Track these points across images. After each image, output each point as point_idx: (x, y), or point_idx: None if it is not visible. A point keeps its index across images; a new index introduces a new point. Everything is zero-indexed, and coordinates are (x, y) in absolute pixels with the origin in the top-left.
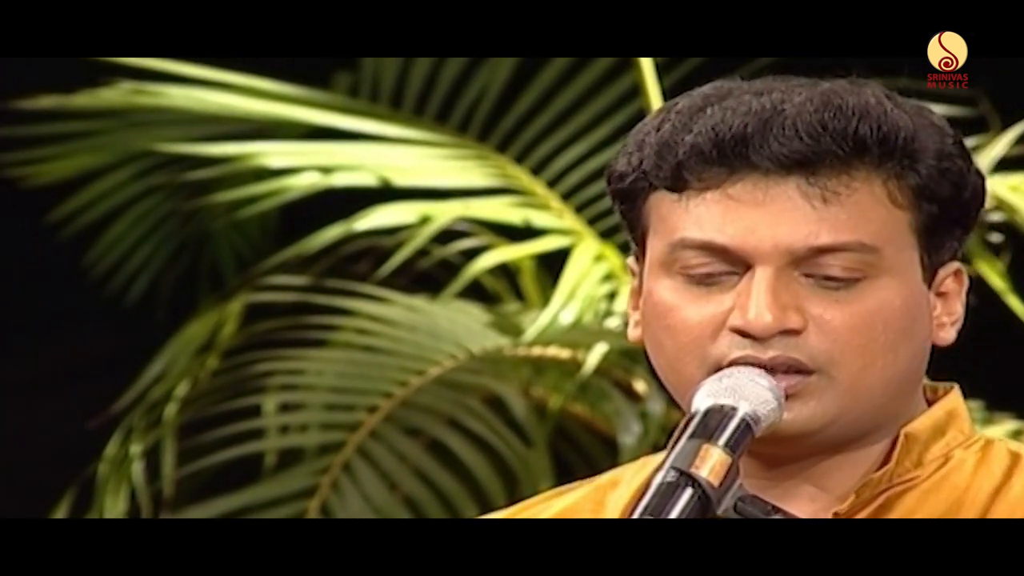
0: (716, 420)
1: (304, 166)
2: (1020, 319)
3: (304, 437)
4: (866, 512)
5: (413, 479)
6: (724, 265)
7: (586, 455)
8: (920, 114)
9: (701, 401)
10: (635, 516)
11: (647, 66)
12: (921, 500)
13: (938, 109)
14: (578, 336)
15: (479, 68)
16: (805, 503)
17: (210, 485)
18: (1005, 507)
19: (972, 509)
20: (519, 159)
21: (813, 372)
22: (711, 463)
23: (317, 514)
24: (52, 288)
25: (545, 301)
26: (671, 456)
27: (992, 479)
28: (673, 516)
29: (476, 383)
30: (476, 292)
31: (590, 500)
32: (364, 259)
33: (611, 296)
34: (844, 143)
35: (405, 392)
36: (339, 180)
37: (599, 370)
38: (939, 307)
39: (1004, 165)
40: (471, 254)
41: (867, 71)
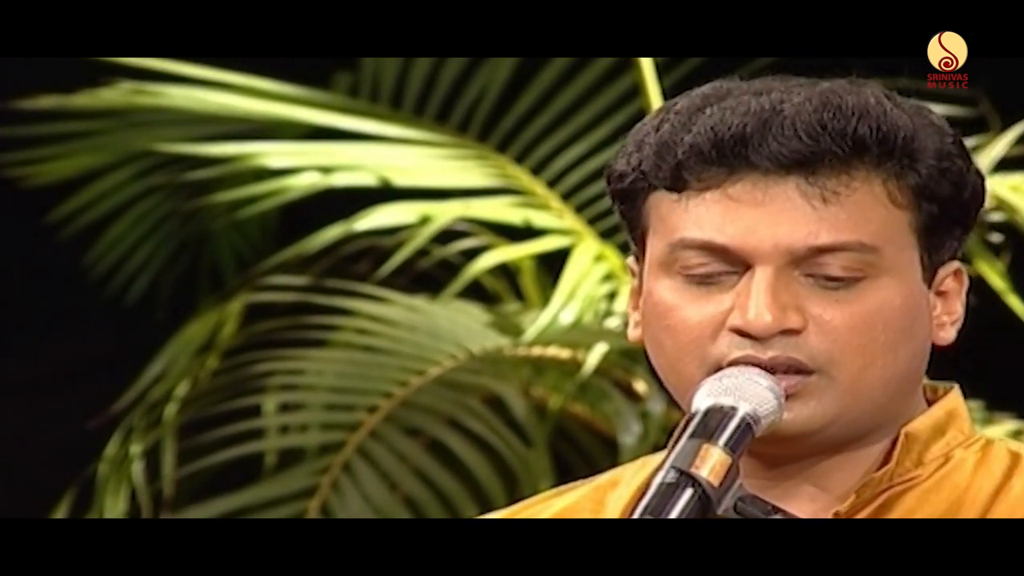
0: (716, 420)
1: (304, 166)
2: (1020, 319)
3: (304, 437)
4: (866, 512)
5: (413, 479)
6: (724, 265)
7: (586, 455)
8: (920, 114)
9: (701, 401)
10: (635, 516)
11: (647, 66)
12: (921, 500)
13: (938, 109)
14: (578, 336)
15: (479, 68)
16: (805, 503)
17: (210, 485)
18: (1005, 507)
19: (972, 509)
20: (519, 159)
21: (813, 372)
22: (711, 463)
23: (317, 514)
24: (52, 288)
25: (545, 301)
26: (671, 456)
27: (992, 479)
28: (673, 516)
29: (476, 383)
30: (476, 292)
31: (590, 500)
32: (364, 259)
33: (611, 296)
34: (843, 143)
35: (405, 392)
36: (339, 180)
37: (599, 370)
38: (939, 307)
39: (1004, 165)
40: (471, 254)
41: (867, 71)
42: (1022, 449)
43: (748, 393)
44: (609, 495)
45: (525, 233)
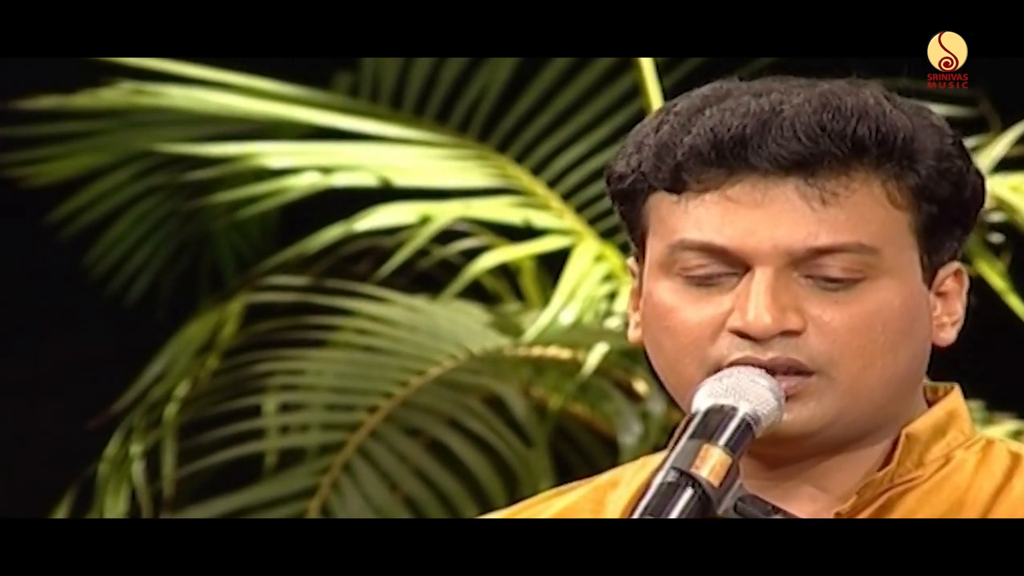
0: (716, 420)
1: (304, 166)
2: (1020, 319)
3: (304, 437)
4: (867, 512)
5: (413, 479)
6: (723, 266)
7: (586, 455)
8: (919, 114)
9: (701, 401)
10: (635, 516)
11: (647, 66)
12: (922, 500)
13: (938, 109)
14: (578, 336)
15: (479, 68)
16: (806, 504)
17: (210, 485)
18: (1006, 508)
19: (973, 509)
20: (519, 159)
21: (813, 373)
22: (711, 463)
23: (317, 514)
24: (52, 288)
25: (545, 301)
26: (671, 456)
27: (993, 480)
28: (673, 516)
29: (476, 383)
30: (476, 292)
31: (590, 500)
32: (364, 259)
33: (611, 296)
34: (843, 144)
35: (405, 392)
36: (339, 180)
37: (599, 370)
38: (939, 307)
39: (1004, 165)
40: (471, 254)
41: (867, 71)
42: (1022, 450)
43: (748, 393)
44: (609, 495)
45: (525, 233)
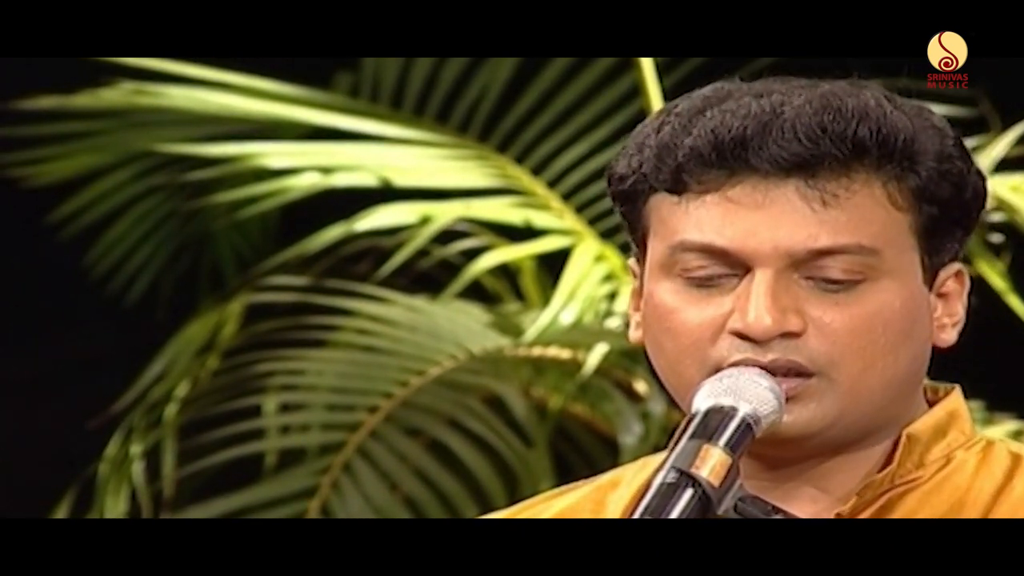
0: (716, 420)
1: (304, 166)
2: (1020, 319)
3: (305, 437)
4: (868, 513)
5: (413, 479)
6: (724, 268)
7: (586, 455)
8: (920, 115)
9: (701, 401)
10: (636, 516)
11: (647, 66)
12: (923, 501)
13: (938, 109)
14: (578, 336)
15: (480, 68)
16: (807, 504)
17: (211, 485)
18: (1007, 508)
19: (974, 510)
20: (519, 159)
21: (813, 375)
22: (711, 463)
23: (318, 514)
24: (52, 288)
25: (545, 301)
26: (671, 456)
27: (993, 480)
28: (674, 516)
29: (476, 383)
30: (476, 292)
31: (590, 500)
32: (364, 259)
33: (611, 296)
34: (843, 146)
35: (405, 392)
36: (339, 180)
37: (600, 370)
38: (940, 308)
39: (1005, 165)
40: (471, 254)
41: (868, 71)
42: (1022, 450)
43: (748, 393)
44: (610, 495)
45: (525, 233)
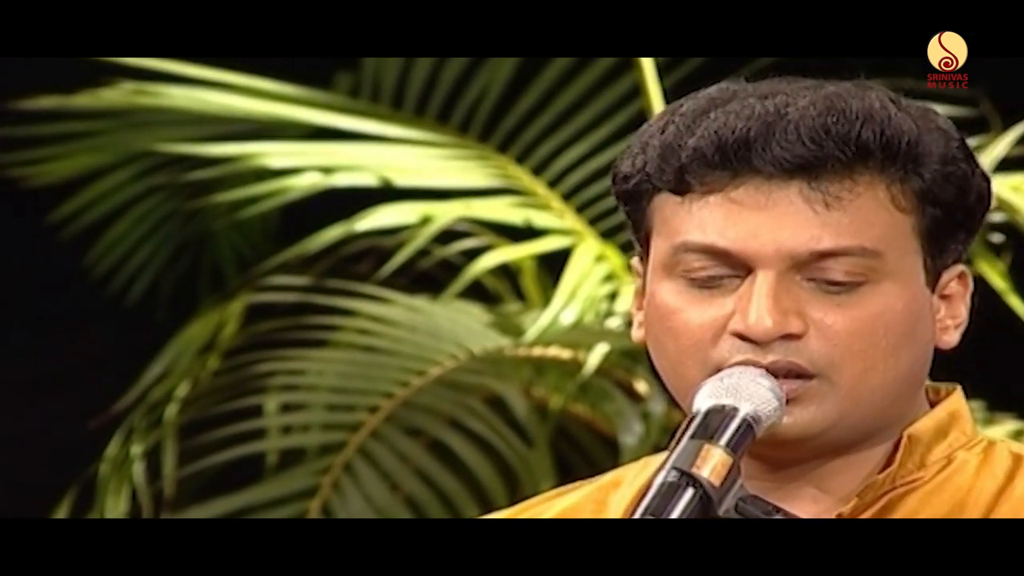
0: (717, 420)
1: (305, 166)
2: (1021, 319)
3: (305, 437)
4: (869, 514)
5: (414, 479)
6: (726, 269)
7: (587, 455)
8: (925, 117)
9: (702, 401)
10: (636, 516)
11: (648, 66)
12: (924, 501)
13: (938, 109)
14: (579, 336)
15: (480, 68)
16: (808, 505)
17: (211, 485)
18: (1008, 509)
19: (975, 510)
20: (520, 159)
21: (813, 376)
22: (712, 463)
23: (318, 514)
24: (53, 288)
25: (546, 301)
26: (672, 456)
27: (995, 480)
28: (674, 516)
29: (477, 383)
30: (477, 292)
31: (591, 500)
32: (365, 259)
33: (612, 296)
34: (847, 148)
35: (406, 392)
36: (340, 180)
37: (600, 370)
38: (943, 310)
39: (1005, 165)
40: (472, 254)
41: (868, 71)
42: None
43: (749, 393)
44: (611, 495)
45: (526, 233)
